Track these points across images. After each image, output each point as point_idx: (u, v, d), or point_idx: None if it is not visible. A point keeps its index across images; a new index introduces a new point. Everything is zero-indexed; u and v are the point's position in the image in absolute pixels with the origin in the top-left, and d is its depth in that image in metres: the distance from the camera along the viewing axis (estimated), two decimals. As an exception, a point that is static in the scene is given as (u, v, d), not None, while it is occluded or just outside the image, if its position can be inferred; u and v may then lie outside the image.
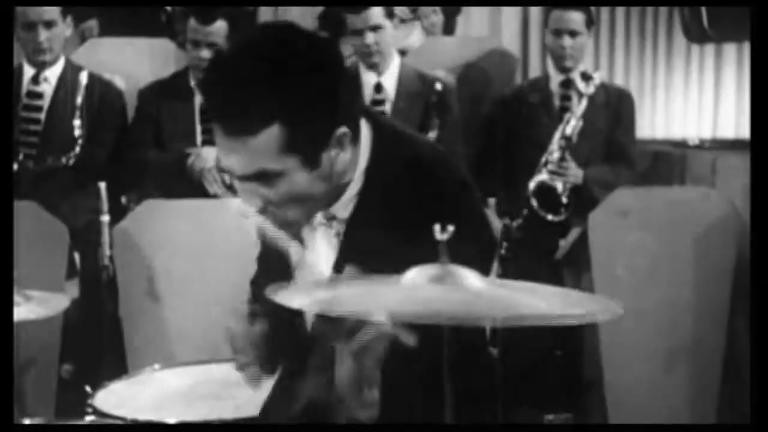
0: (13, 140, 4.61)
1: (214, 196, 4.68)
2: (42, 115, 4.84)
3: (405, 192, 2.16)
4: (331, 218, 2.22)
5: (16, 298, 2.45)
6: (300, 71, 2.02)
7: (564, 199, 4.92)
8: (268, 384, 2.44)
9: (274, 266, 2.32)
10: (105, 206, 4.11)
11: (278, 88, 1.99)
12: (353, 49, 5.00)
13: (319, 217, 2.23)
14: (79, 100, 4.81)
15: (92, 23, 6.40)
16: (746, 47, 7.04)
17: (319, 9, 6.28)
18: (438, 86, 4.95)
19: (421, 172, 2.19)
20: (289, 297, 1.82)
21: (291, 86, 2.00)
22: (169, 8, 6.45)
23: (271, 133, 2.00)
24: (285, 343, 2.34)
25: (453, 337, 1.82)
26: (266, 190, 2.08)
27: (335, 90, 2.08)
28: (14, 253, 2.60)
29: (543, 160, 4.97)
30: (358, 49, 4.96)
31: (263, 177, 2.05)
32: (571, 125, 5.00)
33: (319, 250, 2.26)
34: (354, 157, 2.15)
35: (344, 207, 2.21)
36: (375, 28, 4.89)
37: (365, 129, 2.20)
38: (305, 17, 6.12)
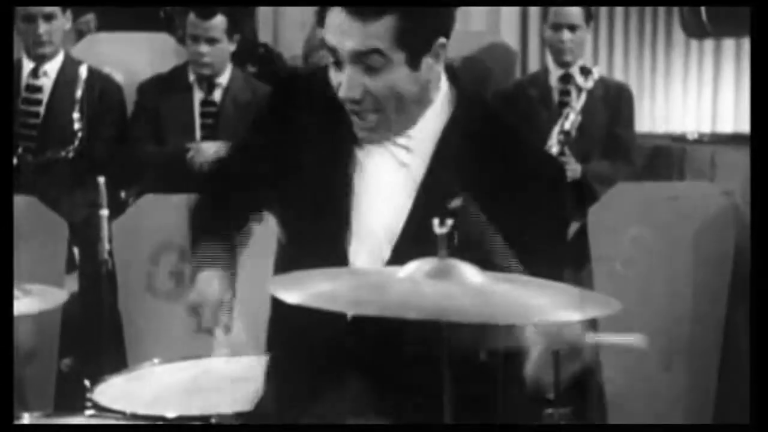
0: (13, 135, 4.61)
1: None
2: (41, 109, 4.84)
3: (489, 142, 2.28)
4: (407, 138, 2.28)
5: (15, 292, 2.45)
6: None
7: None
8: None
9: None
10: (104, 200, 4.11)
11: None
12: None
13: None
14: (78, 94, 4.81)
15: (90, 17, 6.39)
16: (745, 42, 7.04)
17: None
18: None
19: (511, 133, 2.36)
20: (286, 291, 1.81)
21: None
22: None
23: (390, 22, 2.13)
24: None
25: (452, 333, 1.82)
26: (370, 79, 2.18)
27: (447, 8, 2.27)
28: (14, 247, 2.60)
29: (542, 154, 4.96)
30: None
31: (370, 60, 2.16)
32: (570, 120, 5.00)
33: (378, 176, 2.30)
34: (439, 76, 2.30)
35: (421, 129, 2.28)
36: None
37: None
38: (304, 17, 6.12)
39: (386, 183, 2.29)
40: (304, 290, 1.82)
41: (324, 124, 2.31)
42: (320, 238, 2.27)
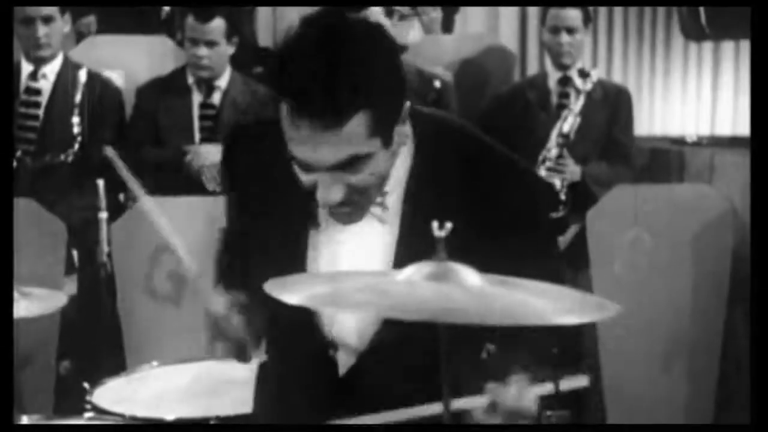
0: (13, 138, 4.61)
1: (213, 193, 4.68)
2: (40, 112, 4.84)
3: (451, 169, 2.23)
4: (384, 193, 2.22)
5: (15, 294, 2.46)
6: (367, 56, 2.06)
7: (562, 196, 4.92)
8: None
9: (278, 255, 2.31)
10: (103, 203, 4.12)
11: (356, 76, 2.02)
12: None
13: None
14: (78, 97, 4.81)
15: (90, 20, 6.39)
16: (744, 45, 7.04)
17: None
18: (437, 84, 4.95)
19: (463, 145, 2.28)
20: (282, 293, 1.81)
21: (365, 72, 2.04)
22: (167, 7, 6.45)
23: (360, 119, 2.02)
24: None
25: (450, 335, 1.82)
26: (352, 176, 2.09)
27: (399, 66, 2.15)
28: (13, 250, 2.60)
29: (541, 157, 4.97)
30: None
31: (353, 163, 2.07)
32: (569, 122, 5.00)
33: (367, 238, 2.25)
34: (407, 130, 2.21)
35: (396, 185, 2.23)
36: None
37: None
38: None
39: (363, 243, 2.24)
40: (303, 292, 1.82)
41: (285, 189, 2.23)
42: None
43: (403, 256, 2.11)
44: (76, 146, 4.77)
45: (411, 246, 1.94)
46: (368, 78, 2.03)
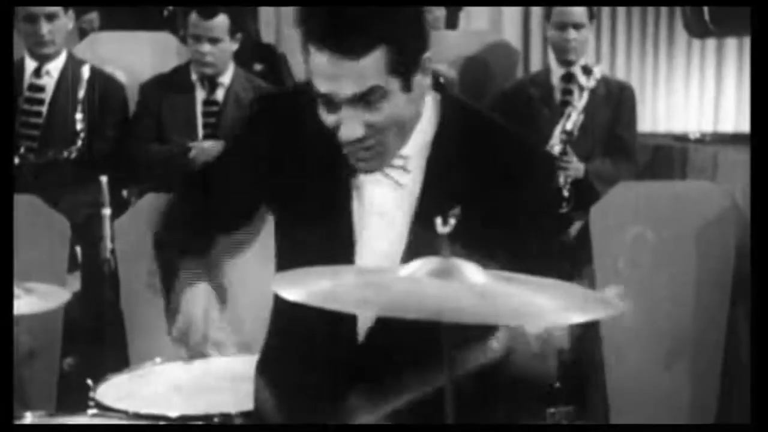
0: (14, 136, 4.61)
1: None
2: (44, 109, 4.84)
3: (476, 149, 2.27)
4: (403, 157, 2.26)
5: (18, 291, 2.46)
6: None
7: (565, 193, 4.92)
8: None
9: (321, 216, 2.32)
10: (106, 200, 4.12)
11: (381, 12, 2.10)
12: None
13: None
14: (81, 93, 4.81)
15: (92, 16, 6.40)
16: (747, 42, 7.03)
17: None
18: (440, 81, 4.95)
19: (498, 130, 2.35)
20: (287, 288, 1.81)
21: (392, 12, 2.11)
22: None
23: (379, 54, 2.09)
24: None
25: (454, 332, 1.82)
26: (370, 114, 2.14)
27: (422, 14, 2.21)
28: (15, 247, 2.60)
29: (544, 154, 4.97)
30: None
31: (370, 98, 2.12)
32: (572, 119, 5.00)
33: (376, 201, 2.29)
34: (427, 88, 2.25)
35: (413, 146, 2.26)
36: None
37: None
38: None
39: (385, 206, 2.28)
40: (306, 288, 1.82)
41: (314, 152, 2.29)
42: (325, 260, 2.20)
43: (422, 224, 2.15)
44: (80, 143, 4.78)
45: (425, 224, 1.96)
46: (389, 17, 2.10)
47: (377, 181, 2.27)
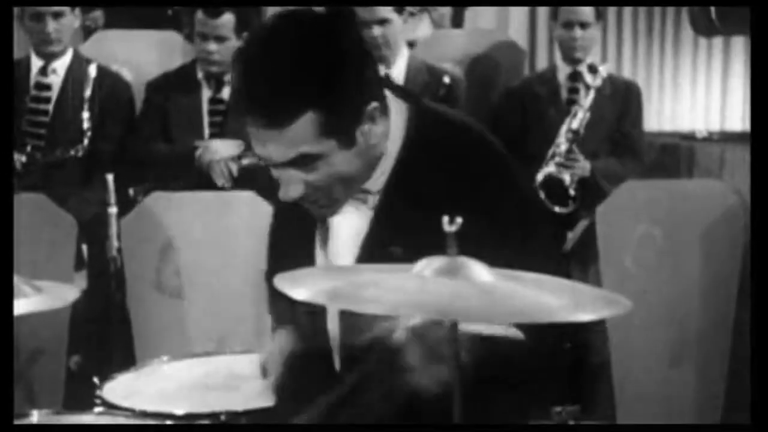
0: (12, 135, 4.61)
1: (222, 189, 4.69)
2: (50, 107, 4.84)
3: (443, 166, 2.18)
4: (365, 192, 2.22)
5: (26, 289, 2.45)
6: (325, 55, 2.05)
7: (571, 192, 4.92)
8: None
9: (291, 252, 2.31)
10: (113, 198, 4.12)
11: (307, 75, 2.02)
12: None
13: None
14: (87, 92, 4.82)
15: (97, 14, 6.40)
16: (754, 40, 7.02)
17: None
18: (446, 79, 4.96)
19: (462, 146, 2.23)
20: (292, 288, 1.81)
21: (319, 71, 2.03)
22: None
23: (307, 120, 2.03)
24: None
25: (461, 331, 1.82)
26: (307, 174, 2.10)
27: (361, 67, 2.13)
28: (22, 245, 2.60)
29: (550, 152, 4.96)
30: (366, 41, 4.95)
31: (303, 162, 2.08)
32: (579, 118, 5.00)
33: (349, 227, 2.26)
34: (386, 129, 2.18)
35: (378, 180, 2.22)
36: (382, 22, 4.89)
37: (394, 102, 2.23)
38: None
39: (353, 236, 2.25)
40: (309, 287, 1.82)
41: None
42: None
43: (371, 245, 2.14)
44: (86, 141, 4.78)
45: (379, 235, 1.93)
46: (319, 78, 2.03)
47: (343, 216, 2.25)
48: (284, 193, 2.13)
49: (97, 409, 2.71)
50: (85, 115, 4.79)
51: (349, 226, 2.25)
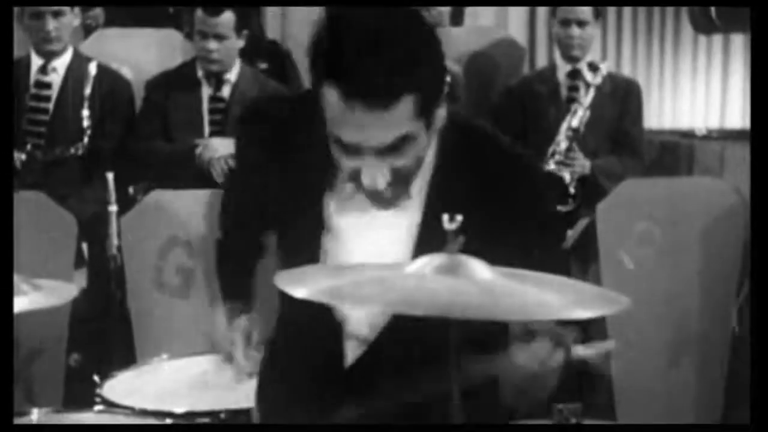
0: (13, 134, 4.62)
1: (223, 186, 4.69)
2: (50, 105, 4.84)
3: (473, 171, 2.23)
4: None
5: (25, 287, 2.46)
6: (412, 40, 2.07)
7: (571, 190, 4.92)
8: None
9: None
10: (112, 196, 4.12)
11: (403, 59, 2.03)
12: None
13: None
14: (87, 90, 4.82)
15: (97, 12, 6.39)
16: (754, 38, 7.01)
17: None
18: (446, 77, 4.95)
19: (492, 154, 2.28)
20: (296, 286, 1.81)
21: (411, 55, 2.05)
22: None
23: (408, 101, 2.03)
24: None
25: (461, 328, 1.82)
26: (396, 160, 2.10)
27: (441, 50, 2.15)
28: (21, 244, 2.60)
29: (550, 150, 4.96)
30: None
31: (399, 145, 2.08)
32: (578, 116, 5.00)
33: (359, 235, 2.26)
34: (443, 115, 2.20)
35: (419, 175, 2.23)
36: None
37: None
38: (311, 13, 6.12)
39: (385, 233, 2.25)
40: (310, 285, 1.82)
41: (302, 176, 2.26)
42: None
43: (424, 248, 2.09)
44: (86, 139, 4.78)
45: (433, 237, 1.93)
46: (413, 61, 2.05)
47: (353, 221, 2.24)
48: (371, 183, 2.11)
49: (97, 408, 2.71)
50: (85, 113, 4.79)
51: (359, 234, 2.26)
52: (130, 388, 2.89)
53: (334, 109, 2.05)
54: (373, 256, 2.20)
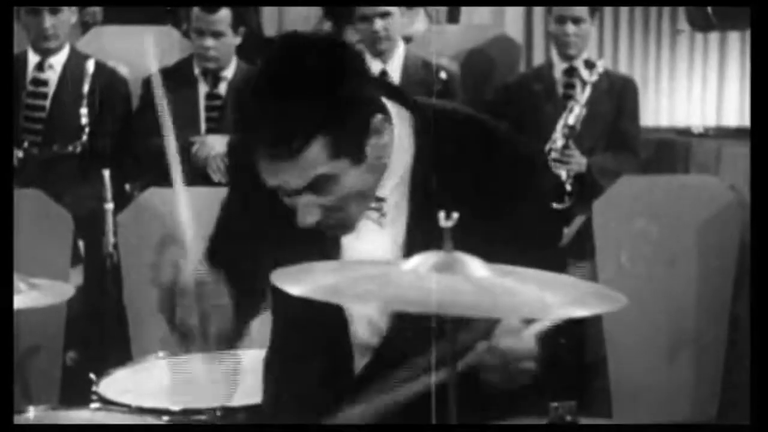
0: (13, 130, 4.61)
1: (219, 184, 4.68)
2: (47, 103, 4.84)
3: (456, 162, 2.21)
4: (379, 200, 2.23)
5: (21, 285, 2.46)
6: (323, 79, 2.06)
7: (568, 187, 4.92)
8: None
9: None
10: (109, 194, 4.12)
11: (311, 103, 2.03)
12: (360, 36, 5.01)
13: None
14: (85, 88, 4.82)
15: (95, 9, 6.40)
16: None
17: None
18: (443, 75, 4.96)
19: (468, 136, 2.28)
20: (292, 284, 1.81)
21: (320, 96, 2.04)
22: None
23: (319, 144, 2.03)
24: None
25: (455, 327, 1.82)
26: (323, 198, 2.10)
27: (359, 84, 2.13)
28: (18, 241, 2.60)
29: (547, 148, 4.96)
30: (367, 35, 4.97)
31: (319, 185, 2.08)
32: (575, 113, 5.00)
33: (368, 237, 2.26)
34: (390, 138, 2.19)
35: (387, 187, 2.22)
36: (384, 15, 4.91)
37: (395, 109, 2.23)
38: (309, 11, 6.12)
39: (370, 249, 2.25)
40: (307, 282, 1.82)
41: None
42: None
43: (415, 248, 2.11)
44: (84, 137, 4.78)
45: (421, 241, 1.93)
46: (323, 103, 2.04)
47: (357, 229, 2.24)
48: (302, 220, 2.12)
49: (94, 405, 2.71)
50: (83, 111, 4.79)
51: (360, 242, 2.25)
52: (127, 385, 2.89)
53: (259, 161, 2.09)
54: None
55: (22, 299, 2.39)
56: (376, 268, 1.95)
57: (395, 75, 4.98)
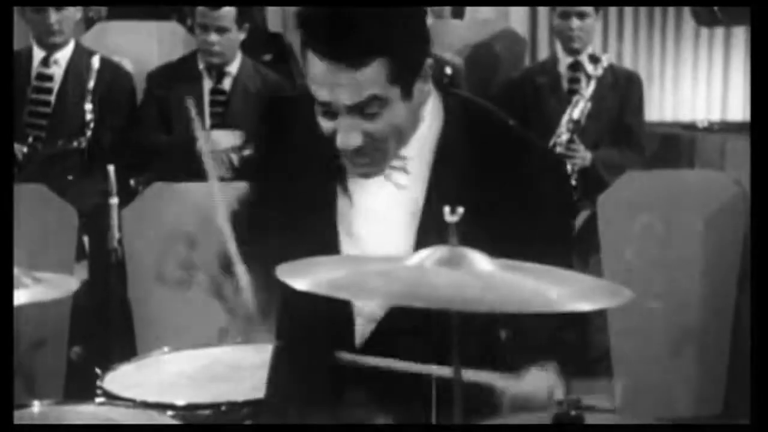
0: (13, 128, 4.61)
1: (223, 179, 4.68)
2: (52, 98, 4.84)
3: (482, 151, 2.25)
4: (401, 159, 2.24)
5: (26, 280, 2.46)
6: (388, 7, 2.11)
7: (572, 182, 4.92)
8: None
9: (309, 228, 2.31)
10: (114, 189, 4.12)
11: (382, 22, 2.08)
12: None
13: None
14: (90, 84, 4.82)
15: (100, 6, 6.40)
16: (755, 30, 7.00)
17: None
18: (447, 70, 4.96)
19: (505, 130, 2.33)
20: (298, 278, 1.81)
21: (393, 19, 2.10)
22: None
23: (379, 65, 2.07)
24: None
25: (461, 321, 1.82)
26: (368, 123, 2.13)
27: (425, 21, 2.22)
28: (24, 236, 2.60)
29: (551, 142, 4.96)
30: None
31: (369, 107, 2.10)
32: (580, 108, 5.00)
33: (373, 201, 2.28)
34: (429, 93, 2.23)
35: (413, 147, 2.25)
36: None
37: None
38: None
39: (383, 208, 2.27)
40: (312, 277, 1.82)
41: (308, 155, 2.29)
42: None
43: (429, 225, 2.15)
44: (89, 133, 4.78)
45: (437, 215, 1.95)
46: (391, 26, 2.09)
47: (374, 184, 2.26)
48: (344, 142, 2.14)
49: (98, 400, 2.71)
50: (88, 107, 4.80)
51: (373, 200, 2.27)
52: (131, 380, 2.89)
53: (314, 72, 2.11)
54: (378, 235, 2.26)
55: (27, 294, 2.39)
56: (381, 263, 1.95)
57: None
